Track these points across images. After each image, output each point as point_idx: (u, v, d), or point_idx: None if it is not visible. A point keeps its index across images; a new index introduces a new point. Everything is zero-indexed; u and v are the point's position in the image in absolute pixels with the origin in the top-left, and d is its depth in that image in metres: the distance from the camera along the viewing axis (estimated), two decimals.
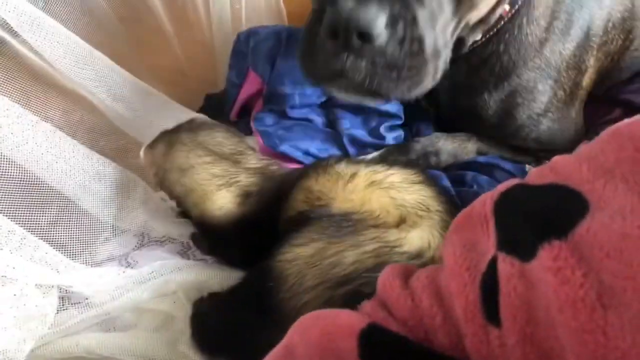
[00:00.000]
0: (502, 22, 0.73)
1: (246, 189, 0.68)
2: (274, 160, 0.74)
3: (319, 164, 0.67)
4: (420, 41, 0.55)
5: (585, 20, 0.77)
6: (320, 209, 0.60)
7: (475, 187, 0.73)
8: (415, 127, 0.91)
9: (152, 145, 0.73)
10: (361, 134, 0.86)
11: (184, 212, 0.78)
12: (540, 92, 0.78)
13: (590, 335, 0.29)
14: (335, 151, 0.86)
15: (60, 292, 0.64)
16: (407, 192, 0.60)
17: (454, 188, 0.73)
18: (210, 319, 0.61)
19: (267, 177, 0.69)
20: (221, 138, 0.71)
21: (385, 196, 0.59)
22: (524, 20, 0.74)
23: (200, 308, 0.62)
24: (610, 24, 0.81)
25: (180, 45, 1.00)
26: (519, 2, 0.72)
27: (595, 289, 0.30)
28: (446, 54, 0.62)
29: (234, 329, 0.57)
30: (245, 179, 0.68)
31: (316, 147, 0.86)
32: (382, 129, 0.87)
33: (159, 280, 0.65)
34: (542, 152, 0.82)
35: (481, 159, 0.81)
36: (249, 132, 0.91)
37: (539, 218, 0.37)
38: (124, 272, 0.66)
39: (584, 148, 0.45)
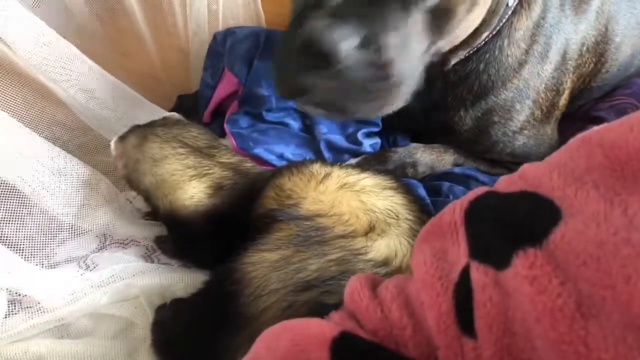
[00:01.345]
0: (483, 42, 0.73)
1: (218, 182, 0.67)
2: (248, 158, 0.73)
3: (294, 164, 0.67)
4: (388, 65, 0.54)
5: (562, 44, 0.78)
6: (289, 209, 0.58)
7: (451, 197, 0.73)
8: (392, 136, 0.90)
9: (123, 137, 0.71)
10: (338, 139, 0.85)
11: (150, 213, 0.75)
12: (518, 111, 0.78)
13: (569, 347, 0.28)
14: (310, 156, 0.84)
15: (10, 294, 0.60)
16: (378, 197, 0.59)
17: (429, 198, 0.72)
18: (172, 327, 0.58)
19: (240, 173, 0.69)
20: (196, 133, 0.71)
21: (355, 199, 0.58)
22: (505, 42, 0.74)
23: (163, 315, 0.60)
24: (584, 48, 0.83)
25: (156, 49, 0.98)
26: (501, 23, 0.73)
27: (574, 298, 0.29)
28: (417, 77, 0.61)
29: (196, 338, 0.55)
30: (219, 172, 0.68)
31: (291, 151, 0.84)
32: (359, 135, 0.86)
33: (119, 284, 0.61)
34: (517, 165, 0.81)
35: (457, 170, 0.81)
36: (222, 134, 0.89)
37: (512, 225, 0.36)
38: (81, 274, 0.62)
39: (553, 156, 0.45)
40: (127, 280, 0.62)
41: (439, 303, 0.37)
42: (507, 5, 0.70)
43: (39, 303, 0.59)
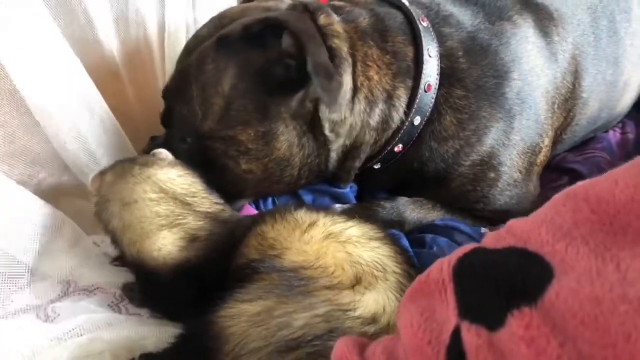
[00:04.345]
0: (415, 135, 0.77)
1: (192, 233, 0.62)
2: (228, 206, 0.69)
3: (277, 210, 0.64)
4: None
5: (531, 114, 0.80)
6: (272, 259, 0.56)
7: (435, 248, 0.72)
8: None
9: (103, 173, 0.67)
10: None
11: (118, 258, 0.70)
12: (493, 179, 0.80)
13: None
14: (290, 200, 0.83)
15: None
16: (365, 249, 0.57)
17: (413, 249, 0.70)
18: None
19: (218, 222, 0.64)
20: (175, 176, 0.66)
21: (341, 251, 0.56)
22: (433, 144, 0.77)
23: None
24: (555, 106, 0.85)
25: (131, 86, 0.96)
26: (413, 136, 0.76)
27: (575, 359, 0.28)
28: None
29: None
30: (193, 222, 0.63)
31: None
32: None
33: (83, 338, 0.56)
34: (500, 218, 0.83)
35: (439, 221, 0.81)
36: None
37: (503, 283, 0.35)
38: (40, 326, 0.57)
39: (539, 211, 0.45)
40: (91, 333, 0.57)
41: None
42: (413, 124, 0.76)
43: None
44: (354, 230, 0.59)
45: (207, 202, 0.66)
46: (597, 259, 0.32)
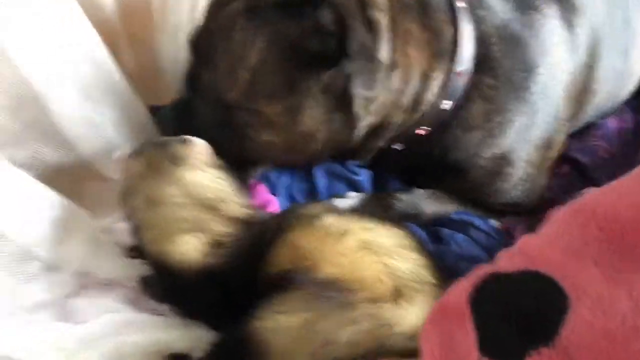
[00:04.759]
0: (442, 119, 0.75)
1: (217, 239, 0.60)
2: (258, 209, 0.67)
3: (304, 214, 0.62)
4: None
5: (552, 110, 0.79)
6: (306, 271, 0.55)
7: (453, 245, 0.73)
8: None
9: (132, 157, 0.64)
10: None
11: (135, 249, 0.67)
12: (509, 173, 0.79)
13: None
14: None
15: None
16: (402, 260, 0.56)
17: (431, 244, 0.71)
18: None
19: (244, 227, 0.62)
20: (207, 180, 0.62)
21: (378, 262, 0.55)
22: (458, 131, 0.76)
23: None
24: (571, 100, 0.84)
25: (125, 39, 0.87)
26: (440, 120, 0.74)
27: None
28: None
29: None
30: (219, 228, 0.61)
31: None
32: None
33: (111, 340, 0.55)
34: (508, 210, 0.84)
35: (454, 215, 0.81)
36: None
37: (521, 319, 0.36)
38: (66, 327, 0.55)
39: (548, 227, 0.45)
40: (120, 335, 0.55)
41: None
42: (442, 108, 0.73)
43: None
44: (387, 238, 0.58)
45: (236, 206, 0.63)
46: (609, 283, 0.33)
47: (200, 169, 0.63)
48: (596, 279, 0.34)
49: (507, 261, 0.43)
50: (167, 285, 0.63)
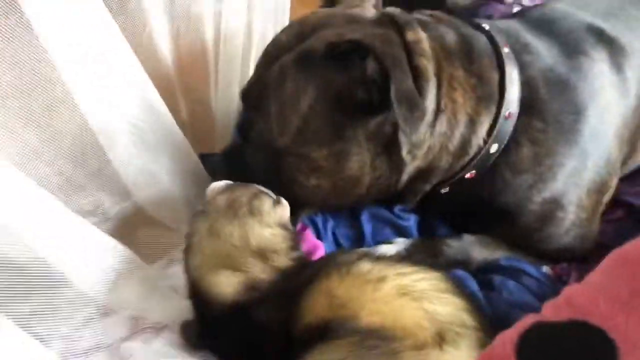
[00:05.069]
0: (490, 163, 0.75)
1: (253, 282, 0.62)
2: (305, 257, 0.68)
3: (341, 261, 0.62)
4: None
5: (603, 153, 0.78)
6: (346, 320, 0.54)
7: (504, 293, 0.71)
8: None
9: (221, 191, 0.69)
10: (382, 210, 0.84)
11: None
12: (560, 218, 0.78)
13: None
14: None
15: None
16: (440, 304, 0.56)
17: (482, 292, 0.70)
18: None
19: (284, 277, 0.63)
20: (269, 234, 0.65)
21: (418, 308, 0.55)
22: (508, 173, 0.75)
23: None
24: (624, 144, 0.82)
25: (183, 95, 0.92)
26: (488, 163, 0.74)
27: None
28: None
29: None
30: (259, 273, 0.62)
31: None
32: (396, 209, 0.84)
33: None
34: (561, 256, 0.82)
35: (504, 261, 0.79)
36: None
37: None
38: None
39: (594, 277, 0.43)
40: None
41: None
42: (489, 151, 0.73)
43: None
44: (425, 283, 0.58)
45: (285, 259, 0.65)
46: None
47: (269, 226, 0.66)
48: None
49: (553, 310, 0.42)
50: (200, 320, 0.65)
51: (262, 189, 0.71)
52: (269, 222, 0.66)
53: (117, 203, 0.73)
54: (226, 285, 0.61)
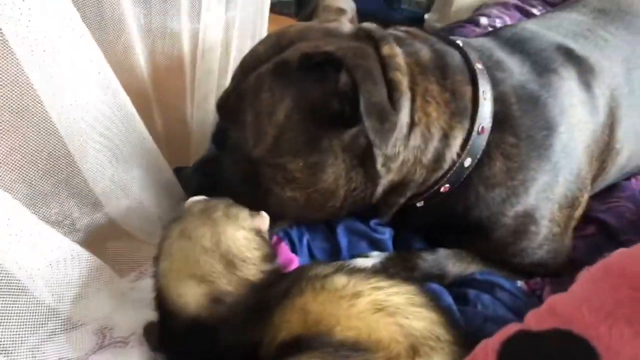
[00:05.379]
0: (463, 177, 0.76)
1: (218, 294, 0.59)
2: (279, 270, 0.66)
3: (315, 275, 0.60)
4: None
5: (574, 169, 0.79)
6: (321, 335, 0.53)
7: (479, 306, 0.71)
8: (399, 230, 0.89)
9: (200, 201, 0.68)
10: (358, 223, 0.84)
11: None
12: (534, 232, 0.79)
13: None
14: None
15: None
16: (415, 318, 0.56)
17: (456, 306, 0.69)
18: None
19: (252, 290, 0.61)
20: (242, 237, 0.64)
21: (393, 323, 0.54)
22: (481, 188, 0.76)
23: None
24: (593, 160, 0.85)
25: (159, 109, 0.91)
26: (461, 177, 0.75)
27: None
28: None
29: None
30: (225, 285, 0.60)
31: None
32: (372, 223, 0.84)
33: None
34: (535, 271, 0.82)
35: (479, 275, 0.79)
36: None
37: None
38: None
39: (577, 287, 0.44)
40: None
41: None
42: (463, 165, 0.74)
43: None
44: (399, 296, 0.58)
45: (254, 269, 0.63)
46: None
47: (243, 229, 0.65)
48: (630, 339, 0.33)
49: (536, 319, 0.42)
50: (162, 327, 0.63)
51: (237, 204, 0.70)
52: (244, 225, 0.65)
53: (87, 214, 0.70)
54: (190, 294, 0.59)
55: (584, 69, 0.84)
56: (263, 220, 0.69)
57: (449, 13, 1.88)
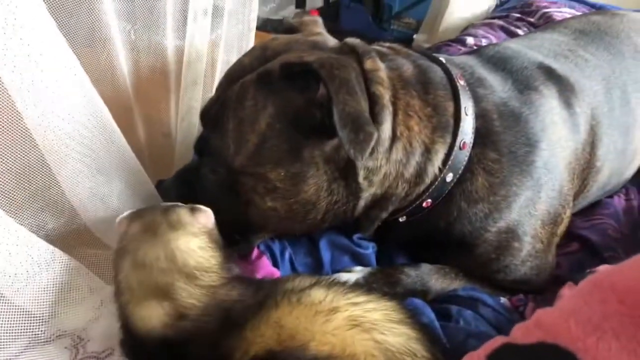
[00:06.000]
0: (445, 192, 0.76)
1: (181, 310, 0.57)
2: (239, 278, 0.64)
3: (291, 290, 0.59)
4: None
5: (556, 185, 0.80)
6: (295, 350, 0.52)
7: (461, 322, 0.70)
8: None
9: (132, 218, 0.64)
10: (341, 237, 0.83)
11: None
12: (516, 248, 0.79)
13: None
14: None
15: None
16: (392, 334, 0.55)
17: (439, 322, 0.69)
18: None
19: (216, 301, 0.59)
20: (196, 247, 0.62)
21: (368, 339, 0.54)
22: (463, 204, 0.76)
23: None
24: (575, 177, 0.85)
25: (142, 122, 0.91)
26: (443, 193, 0.75)
27: None
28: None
29: None
30: (186, 298, 0.58)
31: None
32: (355, 237, 0.84)
33: None
34: (518, 288, 0.82)
35: (462, 291, 0.79)
36: None
37: None
38: None
39: (565, 301, 0.44)
40: None
41: None
42: (445, 180, 0.75)
43: None
44: (377, 312, 0.57)
45: (216, 277, 0.61)
46: (630, 356, 0.32)
47: (194, 235, 0.63)
48: (617, 353, 0.33)
49: (522, 333, 0.41)
50: (131, 353, 0.61)
51: (171, 203, 0.69)
52: (193, 231, 0.63)
53: (62, 225, 0.69)
54: (153, 317, 0.57)
55: (565, 88, 0.85)
56: (206, 214, 0.67)
57: (437, 33, 1.91)
